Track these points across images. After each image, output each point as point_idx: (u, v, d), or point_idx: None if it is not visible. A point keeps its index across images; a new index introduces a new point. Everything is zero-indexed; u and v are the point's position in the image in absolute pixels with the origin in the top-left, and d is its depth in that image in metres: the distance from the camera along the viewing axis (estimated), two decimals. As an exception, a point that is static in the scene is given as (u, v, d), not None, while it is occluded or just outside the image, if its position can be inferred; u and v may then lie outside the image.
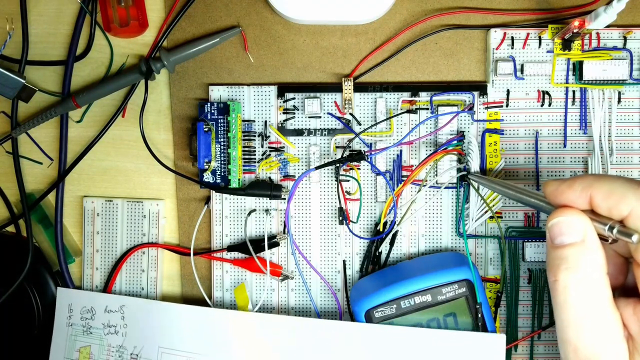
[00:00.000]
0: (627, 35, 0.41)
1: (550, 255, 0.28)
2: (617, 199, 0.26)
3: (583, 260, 0.27)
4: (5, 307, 0.42)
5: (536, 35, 0.41)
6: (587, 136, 0.41)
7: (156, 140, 0.43)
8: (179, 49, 0.41)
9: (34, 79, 0.43)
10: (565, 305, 0.27)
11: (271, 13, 0.42)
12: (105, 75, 0.43)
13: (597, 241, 0.27)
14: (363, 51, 0.42)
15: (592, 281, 0.27)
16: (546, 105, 0.41)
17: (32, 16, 0.43)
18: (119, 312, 0.42)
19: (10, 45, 0.42)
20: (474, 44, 0.42)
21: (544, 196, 0.31)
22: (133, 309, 0.42)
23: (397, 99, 0.41)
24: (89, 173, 0.44)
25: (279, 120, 0.42)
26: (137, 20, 0.42)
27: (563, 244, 0.28)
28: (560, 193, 0.29)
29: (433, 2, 0.42)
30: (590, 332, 0.27)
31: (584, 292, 0.27)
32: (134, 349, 0.41)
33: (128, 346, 0.42)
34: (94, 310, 0.42)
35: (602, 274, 0.27)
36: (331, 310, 0.42)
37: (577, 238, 0.27)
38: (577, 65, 0.41)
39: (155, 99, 0.43)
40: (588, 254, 0.27)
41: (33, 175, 0.44)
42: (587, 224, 0.27)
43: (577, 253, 0.27)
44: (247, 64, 0.42)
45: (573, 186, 0.28)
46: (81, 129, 0.43)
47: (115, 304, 0.42)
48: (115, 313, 0.42)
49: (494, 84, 0.41)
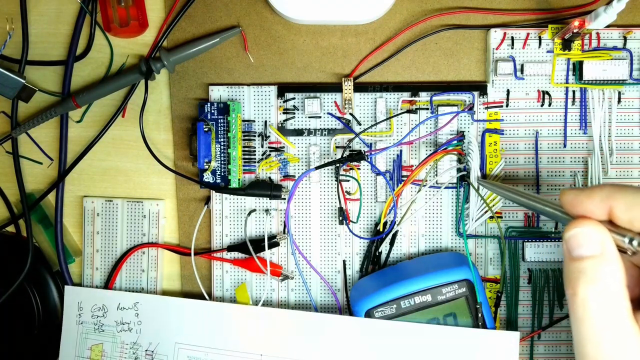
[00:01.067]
0: (627, 35, 0.41)
1: (568, 268, 0.28)
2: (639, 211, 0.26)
3: (602, 272, 0.27)
4: (5, 307, 0.42)
5: (536, 35, 0.41)
6: (587, 136, 0.41)
7: (156, 140, 0.43)
8: (179, 49, 0.41)
9: (34, 79, 0.43)
10: (585, 319, 0.26)
11: (271, 13, 0.42)
12: (105, 75, 0.43)
13: (616, 253, 0.27)
14: (363, 51, 0.42)
15: (611, 294, 0.26)
16: (546, 105, 0.41)
17: (32, 16, 0.43)
18: (132, 309, 0.42)
19: (10, 45, 0.42)
20: (474, 44, 0.42)
21: (560, 205, 0.30)
22: (147, 305, 0.42)
23: (397, 99, 0.41)
24: (89, 173, 0.44)
25: (279, 120, 0.42)
26: (137, 20, 0.42)
27: (581, 256, 0.27)
28: (578, 203, 0.28)
29: (433, 2, 0.42)
30: (610, 345, 0.26)
31: (603, 304, 0.26)
32: (149, 345, 0.42)
33: (143, 343, 0.42)
34: (106, 307, 0.42)
35: (622, 286, 0.26)
36: (331, 310, 0.42)
37: (596, 251, 0.27)
38: (577, 65, 0.41)
39: (155, 99, 0.43)
40: (607, 266, 0.27)
41: (33, 175, 0.44)
42: (606, 235, 0.27)
43: (596, 265, 0.27)
44: (247, 64, 0.42)
45: (592, 196, 0.27)
46: (81, 129, 0.43)
47: (128, 301, 0.42)
48: (128, 310, 0.42)
49: (494, 84, 0.41)
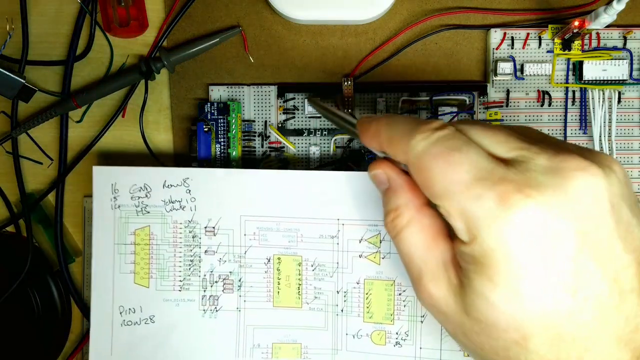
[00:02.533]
0: (627, 35, 0.41)
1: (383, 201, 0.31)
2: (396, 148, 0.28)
3: (396, 202, 0.29)
4: (5, 308, 0.42)
5: (536, 35, 0.41)
6: (587, 136, 0.41)
7: (156, 140, 0.43)
8: (178, 49, 0.41)
9: (34, 79, 0.43)
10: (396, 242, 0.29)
11: (271, 13, 0.42)
12: (105, 75, 0.43)
13: (399, 181, 0.29)
14: (363, 51, 0.42)
15: (411, 218, 0.28)
16: (546, 105, 0.41)
17: (32, 16, 0.43)
18: (182, 186, 0.38)
19: (10, 45, 0.42)
20: (474, 44, 0.42)
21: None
22: (200, 180, 0.38)
23: (397, 98, 0.41)
24: (89, 173, 0.44)
25: (279, 120, 0.42)
26: (137, 20, 0.42)
27: (382, 192, 0.30)
28: (364, 141, 0.31)
29: (433, 2, 0.42)
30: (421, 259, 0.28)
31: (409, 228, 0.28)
32: (209, 222, 0.38)
33: (200, 220, 0.38)
34: (148, 187, 0.38)
35: (415, 210, 0.28)
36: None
37: (386, 185, 0.30)
38: (577, 65, 0.41)
39: (155, 99, 0.43)
40: (396, 196, 0.29)
41: (33, 175, 0.44)
42: (389, 169, 0.30)
43: (390, 197, 0.30)
44: (247, 64, 0.42)
45: (368, 135, 0.30)
46: (81, 129, 0.43)
47: (176, 178, 0.38)
48: (177, 187, 0.38)
49: (494, 84, 0.41)
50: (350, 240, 0.38)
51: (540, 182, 0.23)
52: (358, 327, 0.38)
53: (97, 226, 0.39)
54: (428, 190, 0.26)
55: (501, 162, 0.25)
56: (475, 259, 0.24)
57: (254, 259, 0.39)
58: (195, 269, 0.39)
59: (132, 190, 0.38)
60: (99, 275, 0.39)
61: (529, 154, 0.24)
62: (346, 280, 0.38)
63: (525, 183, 0.23)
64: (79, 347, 0.43)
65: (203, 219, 0.38)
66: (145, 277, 0.39)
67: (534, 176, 0.23)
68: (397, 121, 0.28)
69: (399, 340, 0.38)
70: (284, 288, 0.39)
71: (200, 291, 0.39)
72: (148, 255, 0.39)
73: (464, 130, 0.26)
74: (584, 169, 0.23)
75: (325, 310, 0.38)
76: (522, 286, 0.23)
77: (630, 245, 0.23)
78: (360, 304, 0.38)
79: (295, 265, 0.38)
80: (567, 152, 0.24)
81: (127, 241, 0.39)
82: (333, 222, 0.38)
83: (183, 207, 0.38)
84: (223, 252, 0.39)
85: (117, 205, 0.39)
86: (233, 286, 0.39)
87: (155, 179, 0.38)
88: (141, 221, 0.39)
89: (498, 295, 0.23)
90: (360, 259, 0.38)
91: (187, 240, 0.39)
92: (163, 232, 0.39)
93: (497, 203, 0.23)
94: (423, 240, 0.28)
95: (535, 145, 0.25)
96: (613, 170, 0.24)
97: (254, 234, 0.38)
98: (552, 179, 0.23)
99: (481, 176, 0.24)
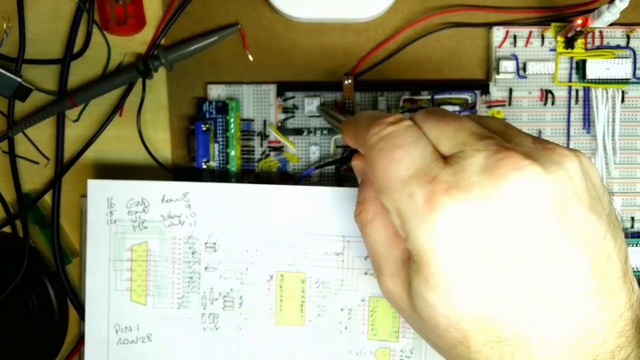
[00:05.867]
0: (631, 33, 0.40)
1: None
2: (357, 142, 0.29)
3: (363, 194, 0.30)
4: (1, 309, 0.42)
5: (539, 34, 0.40)
6: (590, 135, 0.41)
7: (154, 139, 0.43)
8: (177, 48, 0.41)
9: (30, 78, 0.42)
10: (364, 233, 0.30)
11: (270, 11, 0.42)
12: (102, 74, 0.43)
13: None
14: (364, 49, 0.42)
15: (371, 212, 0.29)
16: (549, 104, 0.41)
17: (28, 14, 0.42)
18: (182, 201, 0.37)
19: (6, 44, 0.41)
20: (476, 42, 0.41)
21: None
22: (200, 195, 0.37)
23: (398, 97, 0.41)
24: (86, 173, 0.43)
25: (278, 120, 0.42)
26: (135, 19, 0.41)
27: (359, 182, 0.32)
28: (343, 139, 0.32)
29: (434, 0, 0.41)
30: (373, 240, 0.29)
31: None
32: (209, 237, 0.37)
33: (200, 236, 0.37)
34: (146, 201, 0.37)
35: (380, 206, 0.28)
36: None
37: (361, 177, 0.31)
38: (580, 64, 0.40)
39: (153, 98, 0.43)
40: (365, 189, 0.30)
41: (29, 175, 0.44)
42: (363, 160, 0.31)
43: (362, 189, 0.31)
44: (246, 63, 0.42)
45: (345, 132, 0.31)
46: (78, 128, 0.43)
47: (176, 192, 0.37)
48: (177, 202, 0.37)
49: (496, 82, 0.41)
50: (355, 257, 0.37)
51: (471, 183, 0.22)
52: (362, 345, 0.37)
53: (91, 242, 0.38)
54: (374, 184, 0.26)
55: (441, 160, 0.24)
56: (412, 259, 0.24)
57: (256, 276, 0.38)
58: (195, 286, 0.38)
59: (129, 204, 0.37)
60: (93, 293, 0.38)
61: (469, 151, 0.23)
62: (351, 297, 0.37)
63: (454, 183, 0.23)
64: (75, 349, 0.43)
65: (203, 235, 0.37)
66: (142, 294, 0.38)
67: (467, 176, 0.23)
68: (363, 116, 0.29)
69: (403, 358, 0.37)
70: (286, 305, 0.38)
71: (200, 309, 0.38)
72: (145, 272, 0.38)
73: (420, 123, 0.26)
74: (520, 169, 0.22)
75: (328, 327, 0.38)
76: (452, 288, 0.23)
77: (584, 245, 0.22)
78: (364, 322, 0.37)
79: (299, 282, 0.38)
80: (508, 150, 0.23)
81: (124, 257, 0.37)
82: (339, 239, 0.37)
83: (182, 222, 0.37)
84: (224, 269, 0.38)
85: (113, 220, 0.37)
86: (234, 304, 0.38)
87: (154, 193, 0.37)
88: (138, 237, 0.37)
89: (433, 296, 0.23)
90: (365, 276, 0.37)
91: (186, 256, 0.38)
92: (161, 248, 0.37)
93: (424, 203, 0.23)
94: (385, 237, 0.28)
95: (481, 142, 0.24)
96: (563, 166, 0.23)
97: (257, 250, 0.37)
98: (485, 179, 0.22)
99: (417, 174, 0.24)
